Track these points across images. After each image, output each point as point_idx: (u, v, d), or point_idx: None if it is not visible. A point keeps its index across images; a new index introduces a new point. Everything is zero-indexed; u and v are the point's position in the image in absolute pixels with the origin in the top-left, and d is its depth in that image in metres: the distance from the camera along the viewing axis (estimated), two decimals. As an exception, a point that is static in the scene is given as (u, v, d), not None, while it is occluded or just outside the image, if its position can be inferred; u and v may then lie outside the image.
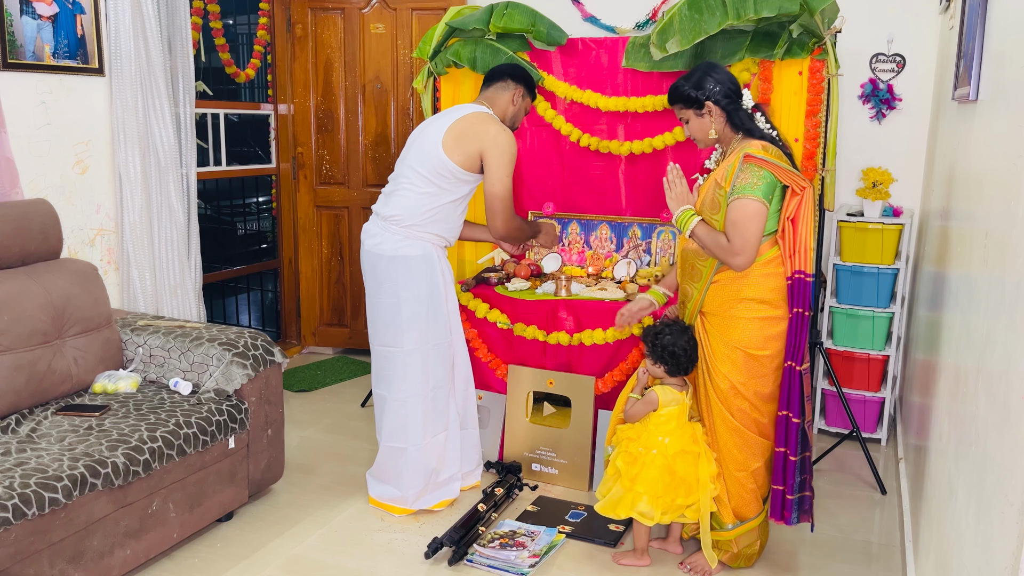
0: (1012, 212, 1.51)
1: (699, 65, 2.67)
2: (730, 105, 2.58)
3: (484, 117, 2.97)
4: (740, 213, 2.47)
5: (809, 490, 2.64)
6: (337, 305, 5.07)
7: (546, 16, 3.67)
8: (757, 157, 2.47)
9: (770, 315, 2.54)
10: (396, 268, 2.94)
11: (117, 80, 3.43)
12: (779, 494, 2.61)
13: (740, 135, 2.60)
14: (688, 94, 2.61)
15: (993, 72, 1.93)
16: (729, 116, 2.60)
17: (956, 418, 1.97)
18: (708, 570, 2.70)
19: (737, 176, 2.49)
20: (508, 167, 2.92)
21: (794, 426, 2.55)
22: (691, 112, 2.64)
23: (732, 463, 2.64)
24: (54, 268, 2.94)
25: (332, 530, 2.98)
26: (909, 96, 3.89)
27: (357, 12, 4.71)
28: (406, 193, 2.95)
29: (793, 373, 2.53)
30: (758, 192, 2.45)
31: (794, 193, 2.50)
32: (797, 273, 2.51)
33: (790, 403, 2.55)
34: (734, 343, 2.56)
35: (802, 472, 2.60)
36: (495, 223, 3.00)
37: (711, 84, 2.58)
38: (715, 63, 2.68)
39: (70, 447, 2.43)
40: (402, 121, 4.79)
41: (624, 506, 2.64)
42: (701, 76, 2.60)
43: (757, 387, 2.57)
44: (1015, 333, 1.38)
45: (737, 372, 2.57)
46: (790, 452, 2.57)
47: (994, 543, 1.38)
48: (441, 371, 3.04)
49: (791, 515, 2.60)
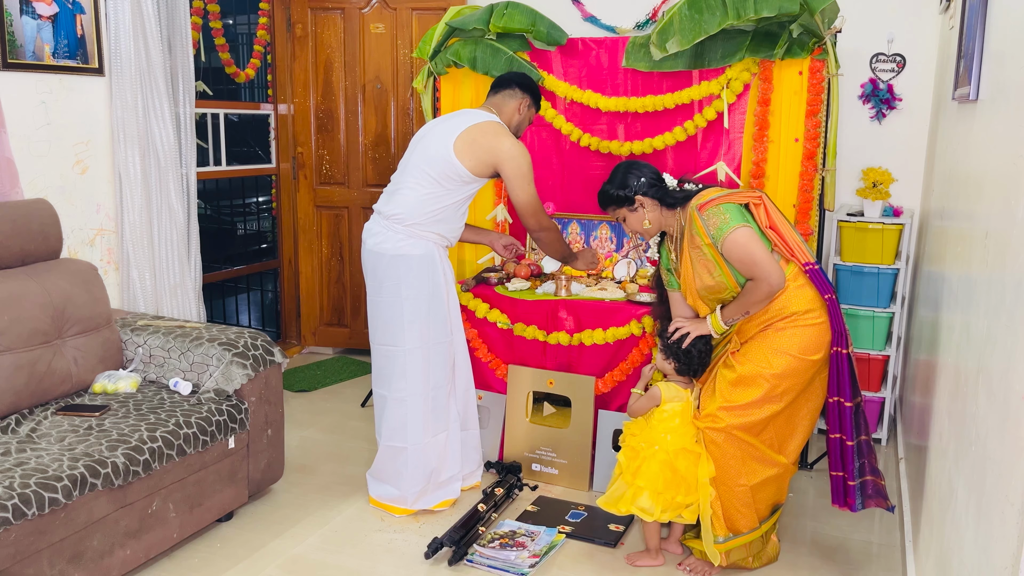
0: (1012, 212, 1.51)
1: (618, 165, 2.80)
2: (657, 192, 2.68)
3: (497, 128, 2.99)
4: (737, 247, 2.50)
5: (871, 473, 2.62)
6: (337, 305, 5.07)
7: (546, 16, 3.68)
8: (704, 202, 2.56)
9: (818, 323, 2.54)
10: (398, 267, 2.94)
11: (117, 80, 3.43)
12: (839, 480, 2.61)
13: (679, 208, 2.67)
14: (616, 195, 2.73)
15: (993, 72, 1.93)
16: (661, 200, 2.69)
17: (956, 418, 1.97)
18: (707, 571, 2.70)
19: (706, 226, 2.55)
20: (528, 177, 2.98)
21: (847, 410, 2.56)
22: (624, 210, 2.75)
23: (726, 473, 2.58)
24: (54, 268, 2.94)
25: (332, 530, 2.98)
26: (909, 96, 3.89)
27: (357, 12, 4.71)
28: (409, 192, 2.95)
29: (840, 357, 2.54)
30: (734, 221, 2.51)
31: (755, 204, 2.58)
32: (806, 265, 2.56)
33: (840, 388, 2.55)
34: (782, 349, 2.53)
35: (861, 456, 2.60)
36: (528, 223, 3.07)
37: (634, 180, 2.70)
38: (631, 161, 2.82)
39: (70, 447, 2.43)
40: (402, 121, 4.79)
41: (625, 501, 2.65)
42: (623, 175, 2.72)
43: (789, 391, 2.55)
44: (1015, 333, 1.38)
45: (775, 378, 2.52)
46: (846, 437, 2.57)
47: (994, 543, 1.38)
48: (441, 371, 3.04)
49: (855, 501, 2.61)
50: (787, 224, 2.60)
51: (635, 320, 3.20)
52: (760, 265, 2.48)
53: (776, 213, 2.59)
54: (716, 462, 2.58)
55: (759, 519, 2.66)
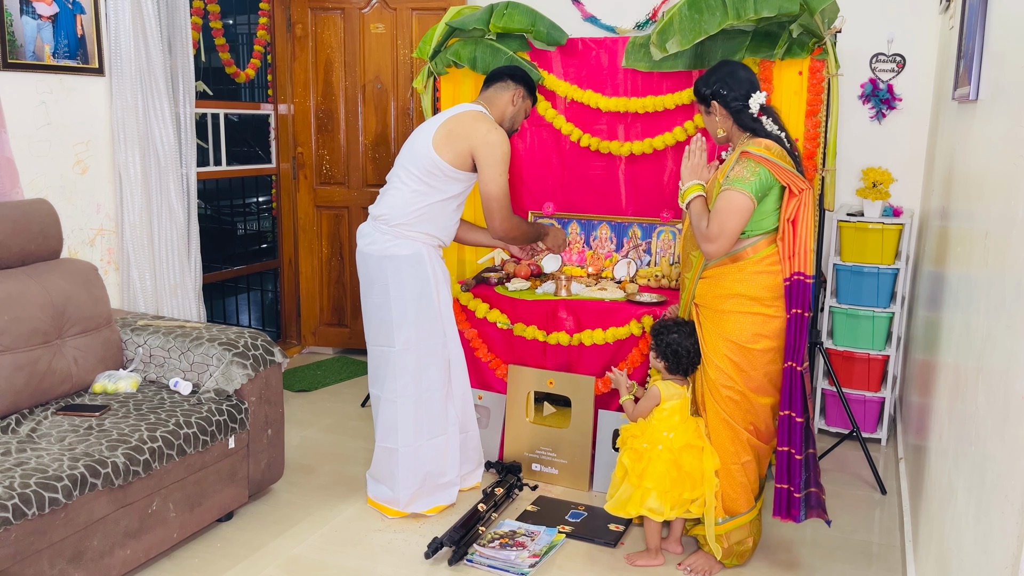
0: (1012, 212, 1.51)
1: (720, 63, 2.71)
2: (736, 106, 2.60)
3: (475, 115, 2.96)
4: (724, 203, 2.50)
5: (816, 486, 2.64)
6: (337, 305, 5.07)
7: (546, 16, 3.68)
8: (754, 153, 2.50)
9: (761, 312, 2.56)
10: (385, 267, 2.94)
11: (117, 80, 3.43)
12: (784, 492, 2.62)
13: (747, 135, 2.63)
14: (698, 90, 2.68)
15: (993, 72, 1.93)
16: (735, 117, 2.62)
17: (956, 418, 1.97)
18: (707, 570, 2.71)
19: (732, 168, 2.53)
20: (501, 165, 2.91)
21: (797, 425, 2.56)
22: (702, 109, 2.70)
23: (723, 455, 2.65)
24: (54, 268, 2.94)
25: (332, 530, 2.98)
26: (909, 96, 3.89)
27: (357, 12, 4.71)
28: (396, 192, 2.95)
29: (794, 373, 2.54)
30: (748, 187, 2.47)
31: (792, 194, 2.52)
32: (796, 275, 2.52)
33: (792, 403, 2.56)
34: (725, 335, 2.59)
35: (808, 469, 2.61)
36: (492, 223, 3.00)
37: (719, 86, 2.61)
38: (736, 63, 2.70)
39: (70, 447, 2.43)
40: (402, 121, 4.79)
41: (634, 504, 2.65)
42: (712, 76, 2.64)
43: (746, 379, 2.59)
44: (1015, 333, 1.38)
45: (728, 363, 2.59)
46: (795, 451, 2.57)
47: (994, 543, 1.38)
48: (435, 373, 3.02)
49: (799, 512, 2.61)
50: (809, 230, 2.54)
51: (635, 320, 3.20)
52: (719, 226, 2.49)
53: (807, 215, 2.53)
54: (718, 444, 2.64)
55: (754, 497, 2.70)
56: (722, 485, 2.66)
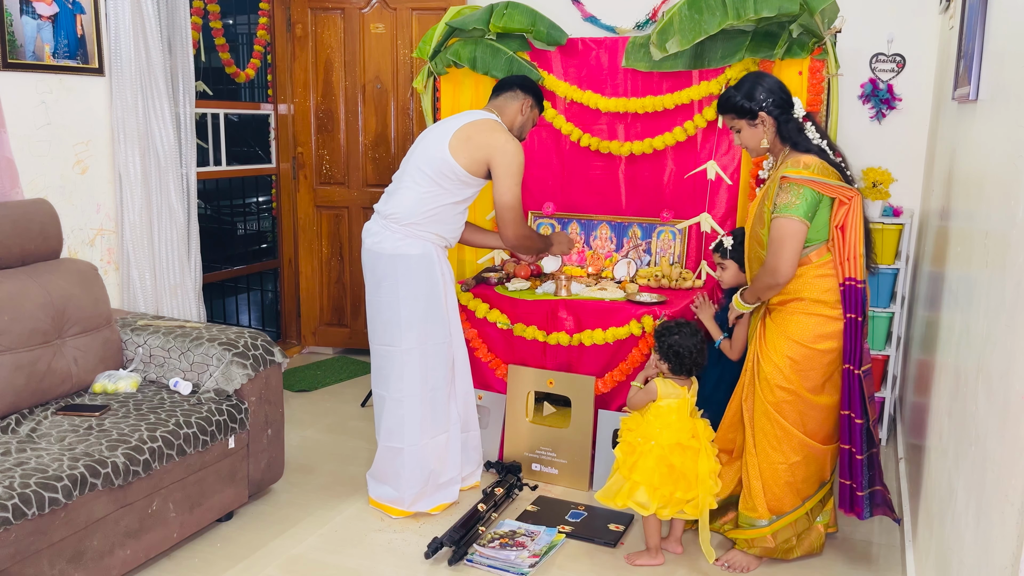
0: (1012, 212, 1.51)
1: (748, 75, 2.72)
2: (782, 115, 2.60)
3: (493, 125, 2.99)
4: (777, 232, 2.53)
5: (880, 484, 2.69)
6: (337, 305, 5.07)
7: (546, 16, 3.68)
8: (793, 177, 2.50)
9: (823, 314, 2.57)
10: (395, 266, 2.94)
11: (117, 80, 3.43)
12: (847, 488, 2.67)
13: (787, 148, 2.62)
14: (741, 105, 2.62)
15: (993, 72, 1.93)
16: (779, 127, 2.61)
17: (956, 418, 1.98)
18: (744, 566, 2.72)
19: (777, 195, 2.54)
20: (516, 176, 2.95)
21: (857, 426, 2.60)
22: (743, 122, 2.66)
23: (767, 455, 2.66)
24: (54, 268, 2.94)
25: (332, 530, 2.98)
26: (909, 96, 3.89)
27: (357, 12, 4.71)
28: (407, 192, 2.96)
29: (852, 376, 2.57)
30: (796, 211, 2.49)
31: (842, 203, 2.55)
32: (848, 280, 2.55)
33: (851, 404, 2.59)
34: (789, 334, 2.60)
35: (870, 469, 2.66)
36: (505, 232, 3.04)
37: (762, 94, 2.60)
38: (763, 72, 2.71)
39: (70, 447, 2.43)
40: (402, 121, 4.79)
41: (622, 495, 2.68)
42: (752, 86, 2.62)
43: (803, 378, 2.60)
44: (1015, 333, 1.38)
45: (787, 361, 2.60)
46: (856, 451, 2.61)
47: (994, 543, 1.38)
48: (440, 372, 3.04)
49: (863, 510, 2.66)
50: (859, 235, 2.55)
51: (635, 320, 3.20)
52: (779, 255, 2.52)
53: (856, 219, 2.55)
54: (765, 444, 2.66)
55: (801, 498, 2.71)
56: (767, 485, 2.68)
